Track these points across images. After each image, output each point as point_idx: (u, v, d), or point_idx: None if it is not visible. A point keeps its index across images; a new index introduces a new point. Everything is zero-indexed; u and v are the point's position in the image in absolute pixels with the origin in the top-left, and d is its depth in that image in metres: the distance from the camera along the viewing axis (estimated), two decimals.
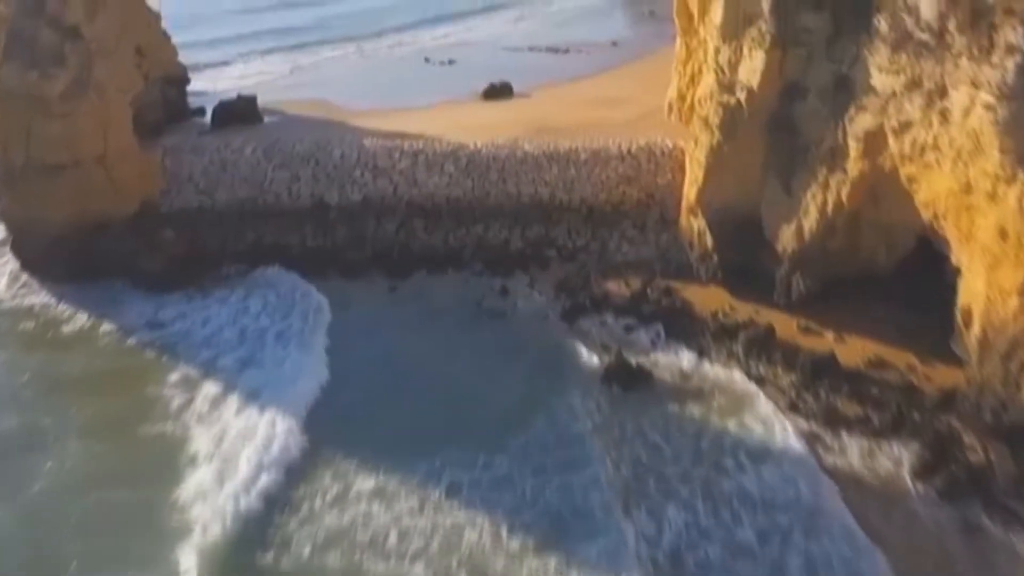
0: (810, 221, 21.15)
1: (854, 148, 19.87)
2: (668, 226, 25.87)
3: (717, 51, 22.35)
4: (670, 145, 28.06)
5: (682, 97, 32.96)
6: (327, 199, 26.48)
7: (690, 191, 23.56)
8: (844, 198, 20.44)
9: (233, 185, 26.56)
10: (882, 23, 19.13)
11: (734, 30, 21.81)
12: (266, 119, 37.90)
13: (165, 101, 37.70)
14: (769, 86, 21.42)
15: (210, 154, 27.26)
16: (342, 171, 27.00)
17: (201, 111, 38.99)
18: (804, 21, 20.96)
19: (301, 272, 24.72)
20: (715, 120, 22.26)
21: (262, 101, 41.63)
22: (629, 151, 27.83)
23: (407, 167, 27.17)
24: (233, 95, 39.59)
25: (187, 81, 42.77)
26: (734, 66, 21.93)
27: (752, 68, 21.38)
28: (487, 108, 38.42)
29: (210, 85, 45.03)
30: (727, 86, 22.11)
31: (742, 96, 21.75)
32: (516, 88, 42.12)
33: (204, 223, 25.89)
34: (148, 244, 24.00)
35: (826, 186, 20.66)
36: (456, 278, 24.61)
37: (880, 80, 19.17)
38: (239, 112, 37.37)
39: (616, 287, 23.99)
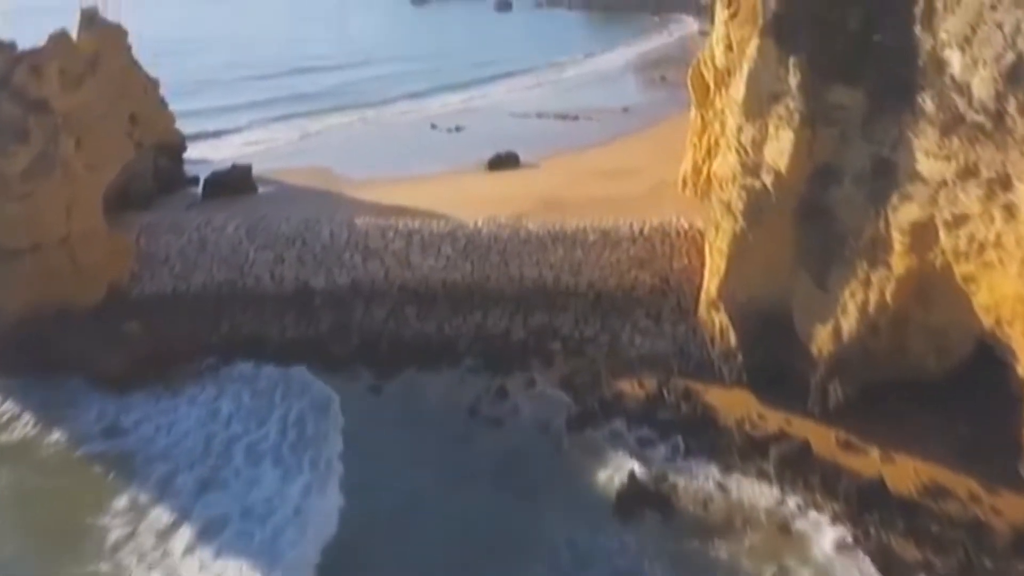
0: (849, 321, 18.43)
1: (899, 241, 17.25)
2: (686, 316, 23.20)
3: (739, 129, 20.02)
4: (686, 225, 25.62)
5: (698, 170, 30.75)
6: (312, 284, 24.12)
7: (711, 282, 20.97)
8: (888, 297, 17.74)
9: (211, 267, 24.28)
10: (928, 102, 16.75)
11: (758, 107, 19.51)
12: (261, 189, 36.06)
13: (157, 171, 36.00)
14: (798, 169, 18.98)
15: (189, 233, 25.07)
16: (330, 252, 24.71)
17: (197, 180, 37.31)
18: (836, 97, 18.63)
19: (280, 367, 22.11)
20: (738, 205, 19.78)
21: (262, 169, 39.98)
22: (642, 232, 25.40)
23: (400, 248, 24.85)
24: (233, 163, 38.00)
25: (183, 149, 41.23)
26: (759, 146, 19.55)
27: (779, 149, 18.99)
28: (491, 179, 36.40)
29: (214, 153, 43.53)
30: (751, 168, 19.70)
31: (768, 180, 19.31)
32: (523, 157, 40.22)
33: (177, 310, 23.50)
34: (111, 337, 21.54)
35: (867, 283, 17.99)
36: (449, 376, 21.86)
37: (928, 166, 16.67)
38: (232, 182, 35.54)
39: (629, 387, 21.18)
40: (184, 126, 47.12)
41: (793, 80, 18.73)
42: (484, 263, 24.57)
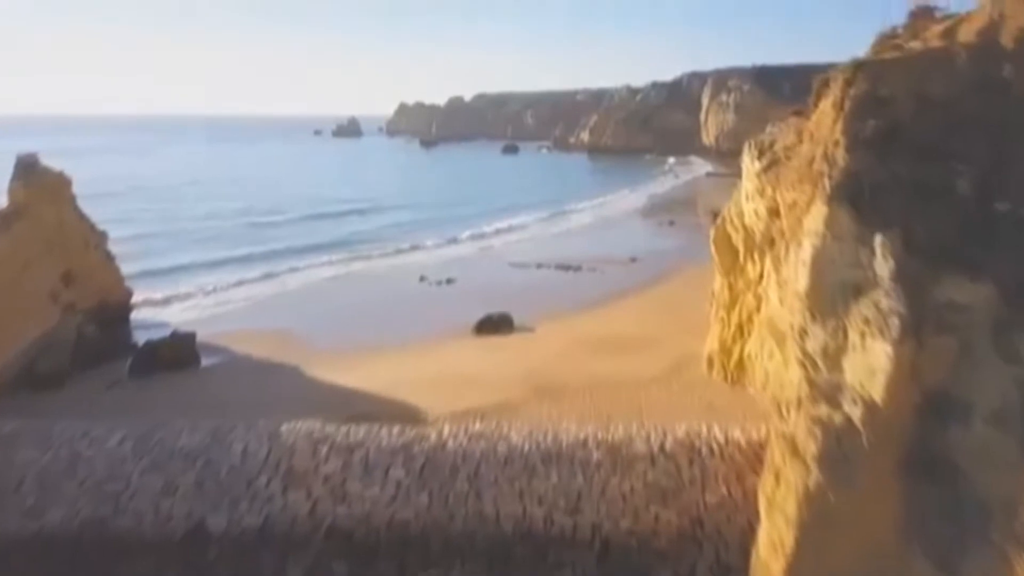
0: None
1: None
2: None
3: (803, 332, 13.55)
4: (722, 437, 18.72)
5: (727, 351, 24.24)
6: (210, 524, 17.12)
7: (771, 559, 13.80)
8: None
9: (77, 499, 17.45)
10: None
11: (830, 303, 13.13)
12: (205, 361, 29.86)
13: (81, 340, 30.02)
14: (901, 399, 12.30)
15: (56, 447, 18.44)
16: (240, 477, 17.87)
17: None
18: (950, 293, 12.24)
19: None
20: (810, 447, 12.95)
21: (220, 331, 34.23)
22: (663, 447, 18.45)
23: (335, 471, 17.96)
24: (174, 330, 32.03)
25: (127, 311, 35.56)
26: (835, 359, 12.99)
27: (868, 366, 12.40)
28: (476, 350, 29.95)
29: (176, 314, 37.75)
30: (826, 392, 13.04)
31: (855, 412, 12.59)
32: (518, 317, 34.12)
33: (15, 563, 16.47)
34: None
35: None
36: None
37: None
38: (168, 355, 29.38)
39: None
40: (149, 283, 42.00)
41: (883, 267, 12.42)
42: (448, 493, 17.53)
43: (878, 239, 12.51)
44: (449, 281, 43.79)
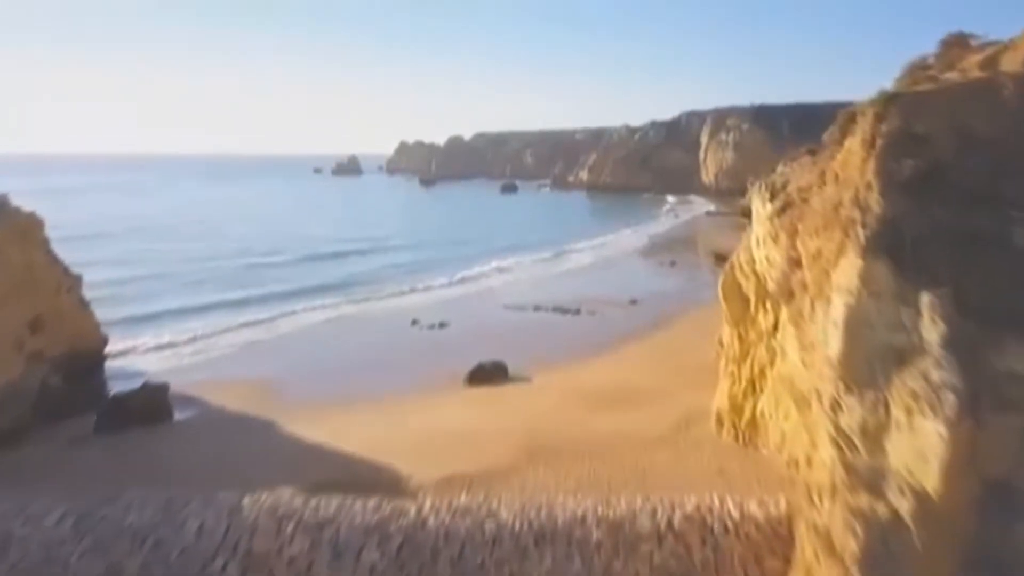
0: None
1: None
2: None
3: (835, 405, 11.57)
4: (736, 512, 16.58)
5: (737, 408, 22.17)
6: None
7: None
8: None
9: None
10: None
11: (867, 372, 11.18)
12: (178, 415, 27.83)
13: (45, 391, 28.02)
14: (957, 489, 10.28)
15: None
16: (193, 559, 15.71)
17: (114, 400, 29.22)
18: (1013, 362, 10.31)
19: None
20: (849, 546, 10.88)
21: (198, 380, 32.30)
22: (670, 524, 16.27)
23: (301, 552, 15.79)
24: (146, 381, 30.04)
25: (101, 359, 33.58)
26: (875, 439, 11.00)
27: (917, 450, 10.41)
28: (467, 404, 27.84)
29: (155, 362, 35.68)
30: (866, 478, 11.01)
31: (903, 504, 10.55)
32: (512, 365, 32.12)
33: None
34: None
35: None
36: None
37: None
38: (138, 409, 27.32)
39: None
40: (133, 329, 40.14)
41: (932, 331, 10.51)
42: None
43: (924, 298, 10.62)
44: (442, 325, 41.84)
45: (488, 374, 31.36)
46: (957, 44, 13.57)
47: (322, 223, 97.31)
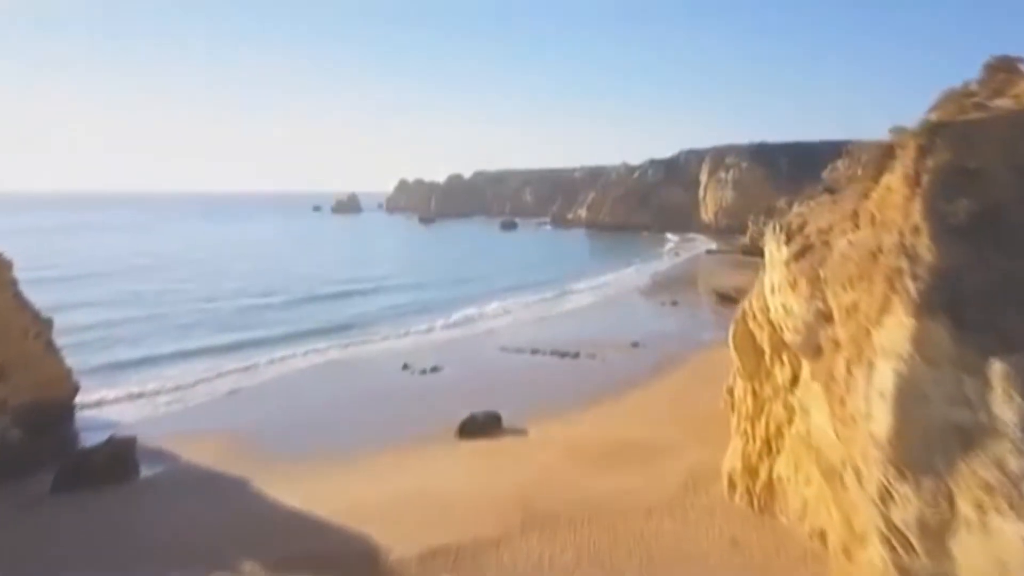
0: None
1: None
2: None
3: (885, 493, 9.58)
4: None
5: (751, 470, 20.07)
6: None
7: None
8: None
9: None
10: None
11: (925, 455, 9.20)
12: (146, 471, 25.67)
13: (1, 446, 25.95)
14: None
15: None
16: None
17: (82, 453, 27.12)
18: None
19: None
20: None
21: (168, 433, 30.25)
22: None
23: None
24: (112, 435, 27.93)
25: (69, 408, 31.50)
26: (937, 539, 8.99)
27: (995, 557, 8.39)
28: (457, 460, 25.64)
29: (129, 411, 33.48)
30: None
31: None
32: (508, 414, 30.09)
33: None
34: None
35: None
36: None
37: None
38: (102, 465, 25.17)
39: None
40: (113, 377, 38.13)
41: (1006, 408, 8.57)
42: None
43: (994, 366, 8.72)
44: (435, 369, 39.77)
45: (480, 426, 29.23)
46: (1004, 69, 11.89)
47: (319, 262, 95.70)
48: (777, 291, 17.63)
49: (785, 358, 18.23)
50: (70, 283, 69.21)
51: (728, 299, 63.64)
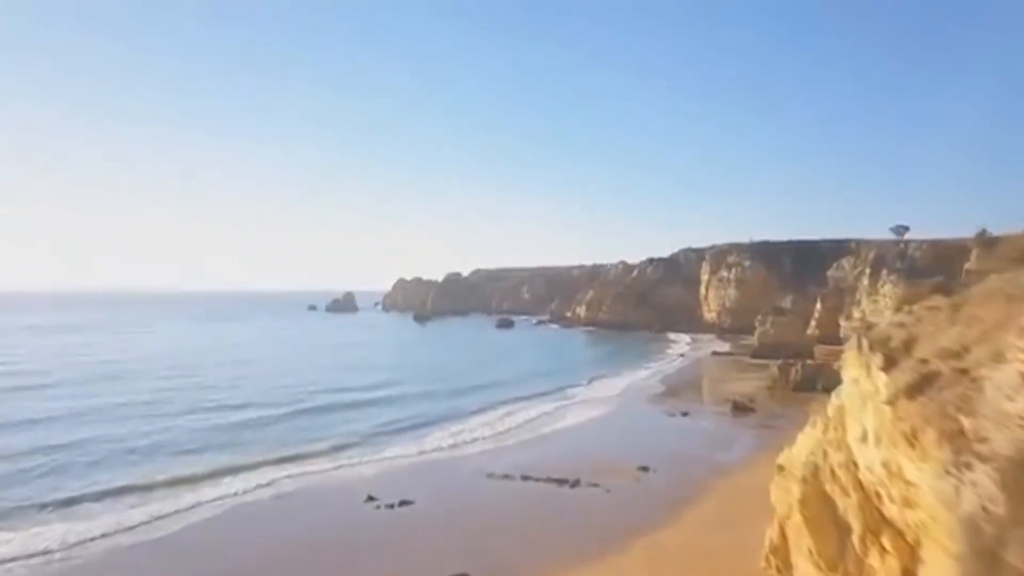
0: None
1: None
2: None
3: None
4: None
5: None
6: None
7: None
8: None
9: None
10: None
11: None
12: None
13: None
14: None
15: None
16: None
17: None
18: None
19: None
20: None
21: None
22: None
23: None
24: None
25: None
26: None
27: None
28: None
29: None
30: None
31: None
32: (490, 570, 23.26)
33: None
34: None
35: None
36: None
37: None
38: None
39: None
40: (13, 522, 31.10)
41: None
42: None
43: None
44: (404, 503, 32.89)
45: None
46: None
47: (302, 368, 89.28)
48: (875, 442, 11.59)
49: (888, 543, 11.96)
50: (17, 395, 62.56)
51: (744, 409, 57.11)
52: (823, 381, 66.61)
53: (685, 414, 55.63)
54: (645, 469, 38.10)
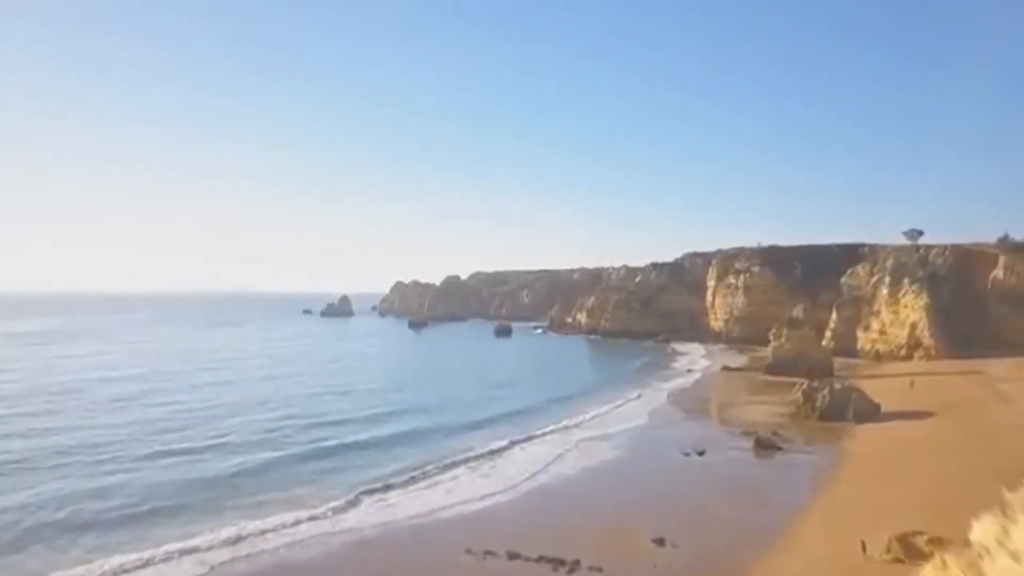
0: None
1: None
2: None
3: None
4: None
5: None
6: None
7: None
8: None
9: None
10: None
11: None
12: None
13: None
14: None
15: None
16: None
17: None
18: None
19: None
20: None
21: None
22: None
23: None
24: None
25: None
26: None
27: None
28: None
29: None
30: None
31: None
32: None
33: None
34: None
35: None
36: None
37: None
38: None
39: None
40: None
41: None
42: None
43: None
44: None
45: None
46: None
47: (282, 385, 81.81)
48: None
49: None
50: None
51: (768, 447, 49.63)
52: (854, 408, 59.08)
53: (701, 453, 48.14)
54: (660, 542, 30.58)
